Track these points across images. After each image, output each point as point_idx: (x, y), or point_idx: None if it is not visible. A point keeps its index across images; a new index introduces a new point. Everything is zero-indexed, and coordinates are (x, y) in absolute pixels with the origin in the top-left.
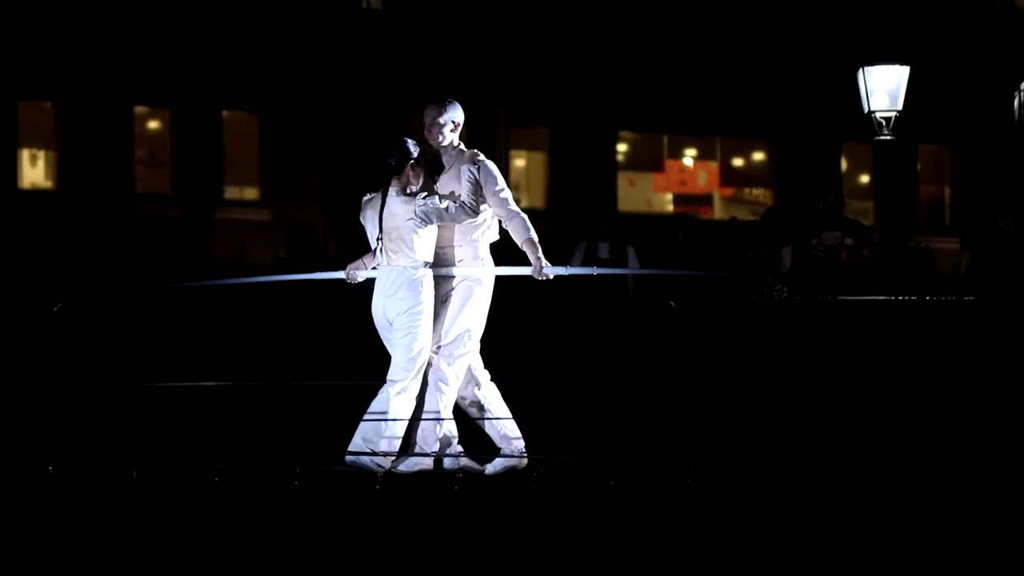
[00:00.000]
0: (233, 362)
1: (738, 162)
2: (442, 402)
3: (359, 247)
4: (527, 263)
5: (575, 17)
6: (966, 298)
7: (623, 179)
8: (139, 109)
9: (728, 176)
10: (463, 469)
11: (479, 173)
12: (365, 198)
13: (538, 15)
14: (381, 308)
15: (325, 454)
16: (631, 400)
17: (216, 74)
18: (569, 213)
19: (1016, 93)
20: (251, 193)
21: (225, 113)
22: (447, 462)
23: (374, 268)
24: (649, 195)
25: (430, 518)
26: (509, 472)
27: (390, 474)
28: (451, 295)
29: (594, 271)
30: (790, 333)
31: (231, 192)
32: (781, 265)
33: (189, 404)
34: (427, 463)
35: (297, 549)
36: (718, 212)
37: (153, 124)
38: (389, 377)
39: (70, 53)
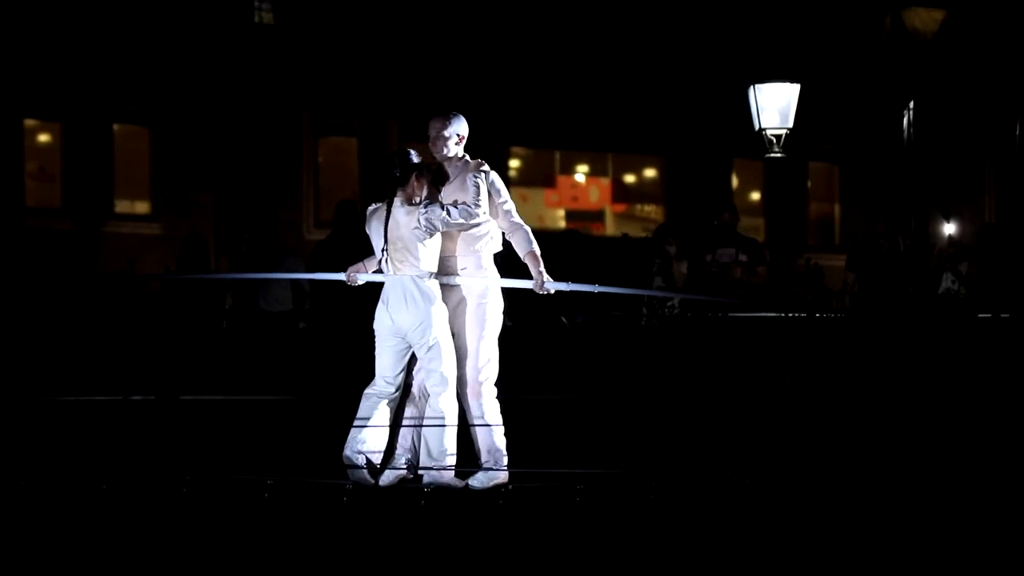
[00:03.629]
0: (125, 375)
1: (630, 178)
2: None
3: (248, 264)
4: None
5: (468, 32)
6: (855, 315)
7: (515, 195)
8: (29, 122)
9: (620, 192)
10: (356, 482)
11: (484, 181)
12: (370, 209)
13: (430, 31)
14: (388, 319)
15: (217, 467)
16: (527, 415)
17: (107, 87)
18: None
19: (905, 112)
20: (142, 207)
21: (116, 126)
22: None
23: (375, 272)
24: (541, 211)
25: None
26: (400, 483)
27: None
28: (464, 320)
29: (595, 288)
30: (682, 350)
31: (122, 206)
32: (674, 281)
33: (78, 418)
34: (503, 477)
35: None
36: (610, 228)
37: (43, 137)
38: (430, 388)
39: None
